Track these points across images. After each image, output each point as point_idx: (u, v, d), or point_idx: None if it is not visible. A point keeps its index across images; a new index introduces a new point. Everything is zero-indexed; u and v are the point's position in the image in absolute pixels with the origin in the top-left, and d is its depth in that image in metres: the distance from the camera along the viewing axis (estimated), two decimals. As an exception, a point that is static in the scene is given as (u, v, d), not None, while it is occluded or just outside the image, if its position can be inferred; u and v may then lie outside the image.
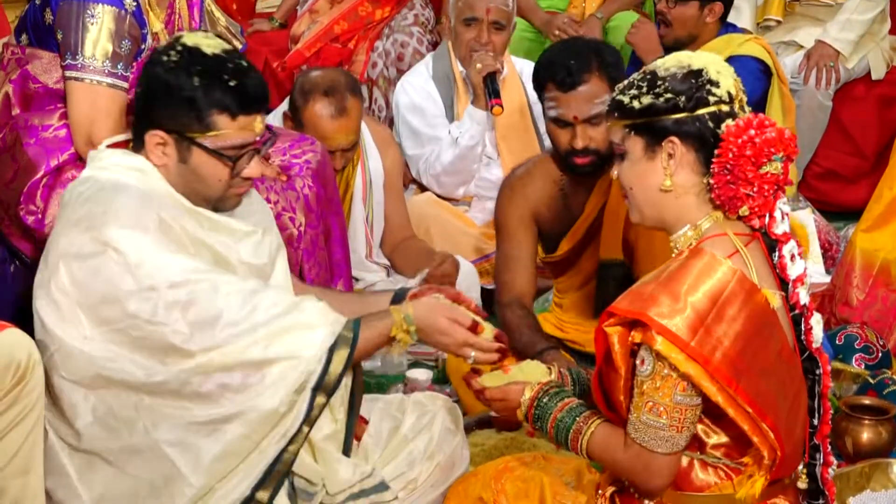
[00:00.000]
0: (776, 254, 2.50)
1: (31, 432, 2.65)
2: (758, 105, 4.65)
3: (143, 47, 3.33)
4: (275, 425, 2.68)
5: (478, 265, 4.57)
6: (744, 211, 2.45)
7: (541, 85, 3.57)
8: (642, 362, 2.40)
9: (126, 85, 3.26)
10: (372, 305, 2.92)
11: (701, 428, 2.46)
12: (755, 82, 4.72)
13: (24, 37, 3.45)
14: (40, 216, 3.27)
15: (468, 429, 3.34)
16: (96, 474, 2.72)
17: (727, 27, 4.93)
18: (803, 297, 2.50)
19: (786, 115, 4.84)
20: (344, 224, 3.97)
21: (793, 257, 2.49)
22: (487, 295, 4.36)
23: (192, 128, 2.70)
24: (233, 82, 2.69)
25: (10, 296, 3.28)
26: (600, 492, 2.62)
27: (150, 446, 2.67)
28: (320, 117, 4.15)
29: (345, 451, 2.85)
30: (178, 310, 2.64)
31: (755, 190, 2.42)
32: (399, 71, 5.47)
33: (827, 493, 2.58)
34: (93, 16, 3.26)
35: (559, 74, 3.49)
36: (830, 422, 2.59)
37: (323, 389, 2.69)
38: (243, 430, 2.66)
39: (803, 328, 2.51)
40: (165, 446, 2.66)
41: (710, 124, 2.44)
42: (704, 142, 2.45)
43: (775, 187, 2.44)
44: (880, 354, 3.87)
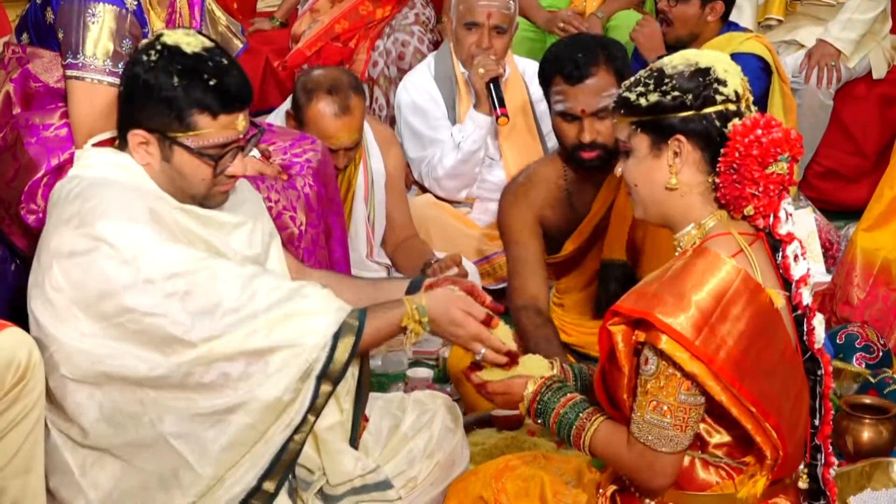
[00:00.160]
0: (779, 254, 2.50)
1: (32, 431, 2.65)
2: (758, 103, 4.64)
3: (143, 46, 3.33)
4: (280, 414, 2.67)
5: (479, 266, 4.57)
6: (748, 211, 2.45)
7: (547, 79, 3.56)
8: (646, 361, 2.39)
9: (127, 84, 3.26)
10: (386, 294, 2.90)
11: (703, 427, 2.45)
12: (755, 81, 4.71)
13: (24, 36, 3.45)
14: (41, 215, 3.27)
15: (468, 428, 3.33)
16: (103, 470, 2.71)
17: (729, 26, 4.93)
18: (806, 298, 2.50)
19: (787, 114, 4.84)
20: (344, 223, 3.97)
21: (796, 258, 2.49)
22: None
23: (173, 128, 2.69)
24: (213, 81, 2.67)
25: (11, 295, 3.28)
26: (601, 491, 2.62)
27: (157, 439, 2.67)
28: (323, 116, 4.15)
29: (352, 442, 2.83)
30: (177, 300, 2.63)
31: (760, 190, 2.42)
32: (400, 70, 5.47)
33: (828, 493, 2.58)
34: (94, 15, 3.26)
35: (567, 68, 3.49)
36: (831, 421, 2.59)
37: (328, 378, 2.67)
38: (248, 420, 2.65)
39: (805, 329, 2.51)
40: (172, 439, 2.66)
41: (717, 123, 2.44)
42: (710, 141, 2.45)
43: (780, 187, 2.44)
44: (881, 353, 3.87)
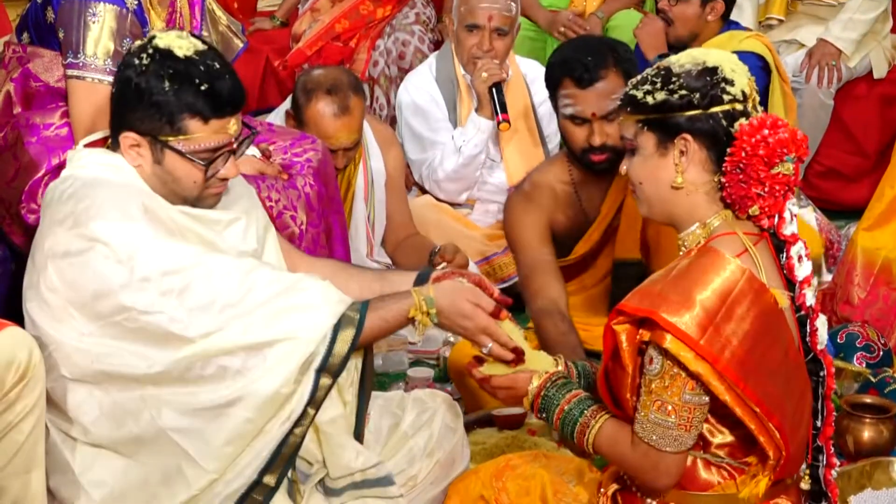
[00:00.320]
0: (784, 254, 2.50)
1: (33, 431, 2.64)
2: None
3: (144, 46, 3.33)
4: (279, 407, 2.65)
5: (480, 267, 4.57)
6: (754, 210, 2.45)
7: (555, 82, 3.55)
8: (651, 361, 2.39)
9: (127, 84, 3.26)
10: (393, 285, 2.89)
11: (706, 427, 2.45)
12: (755, 79, 4.72)
13: (25, 35, 3.45)
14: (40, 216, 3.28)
15: (468, 427, 3.33)
16: (104, 467, 2.71)
17: (729, 24, 4.92)
18: (809, 299, 2.50)
19: (787, 114, 4.84)
20: (345, 223, 3.97)
21: (800, 258, 2.49)
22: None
23: (164, 131, 2.69)
24: (204, 86, 2.67)
25: (12, 294, 3.28)
26: (602, 490, 2.62)
27: (158, 435, 2.66)
28: (322, 116, 4.15)
29: (357, 435, 2.81)
30: (174, 297, 2.62)
31: (766, 190, 2.42)
32: (400, 69, 5.47)
33: (829, 494, 2.58)
34: (94, 14, 3.26)
35: (576, 71, 3.47)
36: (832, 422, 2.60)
37: (328, 371, 2.66)
38: (248, 414, 2.64)
39: (809, 329, 2.51)
40: (173, 434, 2.65)
41: (724, 122, 2.44)
42: (717, 140, 2.45)
43: (786, 188, 2.44)
44: (881, 353, 3.87)
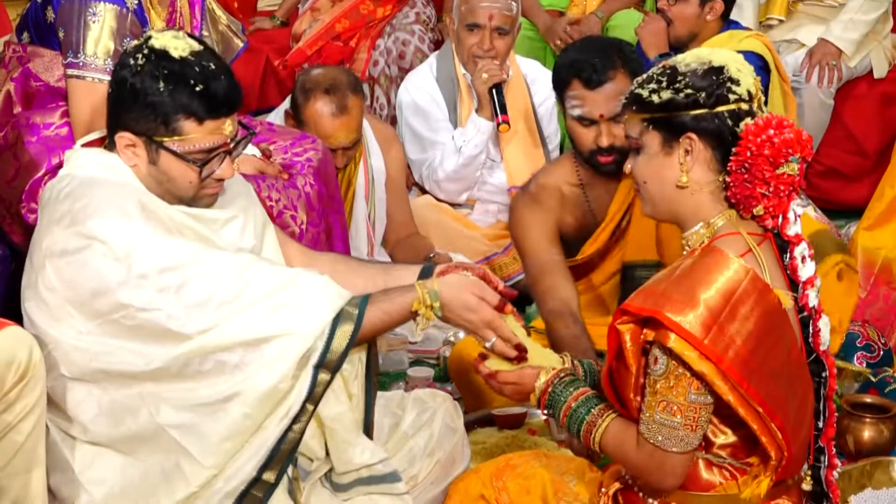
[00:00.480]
0: (787, 255, 2.50)
1: (34, 430, 2.64)
2: (757, 102, 4.65)
3: (144, 45, 3.33)
4: (277, 403, 2.65)
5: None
6: (758, 210, 2.45)
7: (564, 83, 3.54)
8: (655, 361, 2.39)
9: (127, 83, 3.26)
10: (397, 279, 2.88)
11: (709, 427, 2.45)
12: (753, 78, 4.72)
13: (25, 35, 3.45)
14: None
15: (469, 426, 3.33)
16: (104, 465, 2.71)
17: (729, 24, 4.93)
18: (812, 300, 2.49)
19: (786, 113, 4.84)
20: (345, 222, 3.97)
21: (804, 259, 2.49)
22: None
23: (160, 132, 2.69)
24: (199, 87, 2.66)
25: (12, 294, 3.28)
26: (603, 490, 2.62)
27: (157, 432, 2.66)
28: (321, 115, 4.16)
29: (367, 428, 2.80)
30: (172, 294, 2.62)
31: (771, 190, 2.42)
32: (401, 69, 5.47)
33: (831, 495, 2.58)
34: (94, 14, 3.26)
35: (585, 72, 3.47)
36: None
37: (326, 366, 2.65)
38: (245, 409, 2.64)
39: (811, 330, 2.51)
40: (171, 430, 2.65)
41: (729, 122, 2.44)
42: (722, 139, 2.44)
43: (790, 188, 2.44)
44: (882, 353, 3.87)
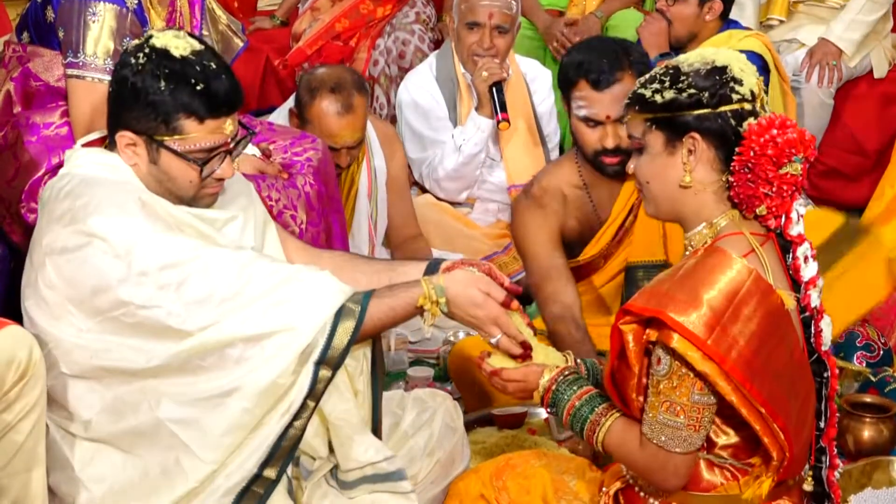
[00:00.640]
0: (790, 255, 2.50)
1: (34, 429, 2.64)
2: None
3: (144, 45, 3.33)
4: (278, 399, 2.65)
5: (479, 266, 4.56)
6: (761, 210, 2.45)
7: (570, 83, 3.54)
8: (658, 361, 2.39)
9: (127, 83, 3.26)
10: (402, 275, 2.87)
11: (711, 428, 2.45)
12: (752, 77, 4.71)
13: (25, 35, 3.45)
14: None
15: (469, 426, 3.33)
16: (104, 462, 2.71)
17: (729, 24, 4.93)
18: (814, 300, 2.49)
19: (786, 113, 4.84)
20: (344, 222, 3.97)
21: (806, 259, 2.49)
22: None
23: (160, 131, 2.69)
24: (200, 86, 2.67)
25: (12, 293, 3.28)
26: (604, 489, 2.62)
27: (157, 426, 2.66)
28: (326, 115, 4.15)
29: (374, 425, 2.79)
30: (172, 291, 2.62)
31: (774, 190, 2.42)
32: (401, 69, 5.47)
33: (832, 495, 2.58)
34: (94, 14, 3.26)
35: (592, 73, 3.47)
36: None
37: (327, 363, 2.65)
38: (245, 404, 2.63)
39: (813, 330, 2.51)
40: (171, 424, 2.65)
41: (732, 122, 2.44)
42: (725, 139, 2.44)
43: (793, 188, 2.44)
44: (882, 352, 3.87)
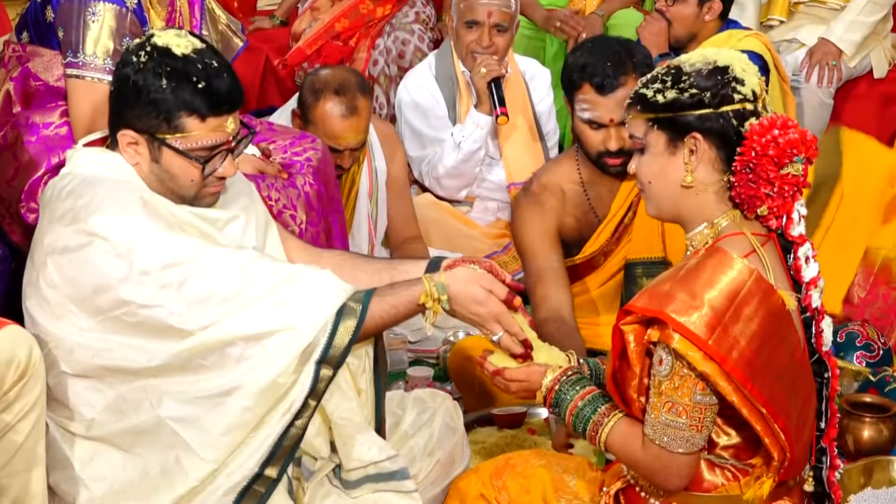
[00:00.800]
0: (791, 255, 2.50)
1: (34, 429, 2.64)
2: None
3: (143, 45, 3.33)
4: (279, 398, 2.65)
5: (479, 265, 4.56)
6: (762, 211, 2.45)
7: (574, 85, 3.55)
8: (660, 362, 2.39)
9: (127, 83, 3.26)
10: (403, 273, 2.87)
11: (713, 428, 2.45)
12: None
13: (25, 34, 3.45)
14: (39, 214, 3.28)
15: (469, 426, 3.33)
16: (104, 461, 2.71)
17: (729, 24, 4.92)
18: (815, 300, 2.50)
19: (786, 113, 4.83)
20: (344, 222, 3.97)
21: (807, 259, 2.49)
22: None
23: (162, 129, 2.69)
24: (201, 84, 2.67)
25: (12, 293, 3.28)
26: (605, 489, 2.62)
27: (158, 425, 2.66)
28: (330, 116, 4.15)
29: (378, 424, 2.79)
30: (173, 290, 2.62)
31: (775, 190, 2.42)
32: (400, 68, 5.47)
33: (833, 495, 2.58)
34: (94, 13, 3.26)
35: (597, 77, 3.48)
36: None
37: (328, 362, 2.64)
38: (245, 403, 2.63)
39: (814, 331, 2.51)
40: (172, 423, 2.65)
41: (734, 122, 2.44)
42: (727, 139, 2.45)
43: (794, 189, 2.44)
44: (881, 352, 3.87)
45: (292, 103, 4.34)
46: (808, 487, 2.57)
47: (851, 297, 4.12)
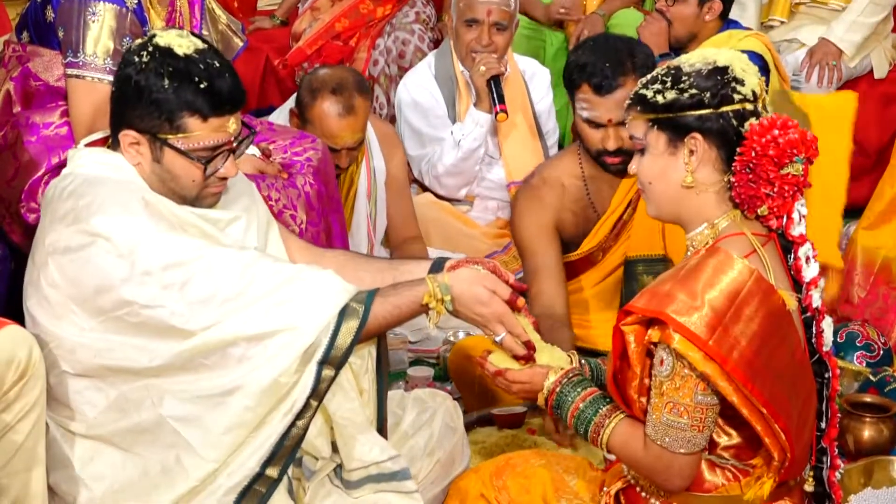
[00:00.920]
0: (791, 255, 2.50)
1: (34, 429, 2.64)
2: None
3: (144, 45, 3.33)
4: (281, 399, 2.65)
5: (479, 265, 4.56)
6: (762, 211, 2.45)
7: (574, 84, 3.57)
8: (661, 362, 2.39)
9: (127, 82, 3.26)
10: (406, 274, 2.87)
11: (714, 428, 2.45)
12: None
13: (25, 34, 3.45)
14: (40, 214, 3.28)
15: (469, 426, 3.33)
16: (104, 461, 2.71)
17: (729, 24, 4.92)
18: (816, 300, 2.50)
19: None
20: (344, 221, 3.97)
21: (808, 259, 2.49)
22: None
23: (164, 129, 2.69)
24: (204, 84, 2.67)
25: (11, 293, 3.28)
26: (605, 489, 2.62)
27: (159, 424, 2.66)
28: (328, 116, 4.15)
29: (380, 424, 2.79)
30: (175, 290, 2.62)
31: (775, 190, 2.42)
32: (400, 68, 5.47)
33: (833, 495, 2.58)
34: (94, 13, 3.26)
35: (595, 77, 3.49)
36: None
37: (330, 363, 2.64)
38: (247, 402, 2.63)
39: (814, 331, 2.51)
40: (173, 422, 2.65)
41: (734, 122, 2.44)
42: (727, 139, 2.45)
43: (795, 189, 2.44)
44: (881, 352, 3.87)
45: (290, 103, 4.35)
46: (809, 487, 2.57)
47: (851, 297, 4.13)
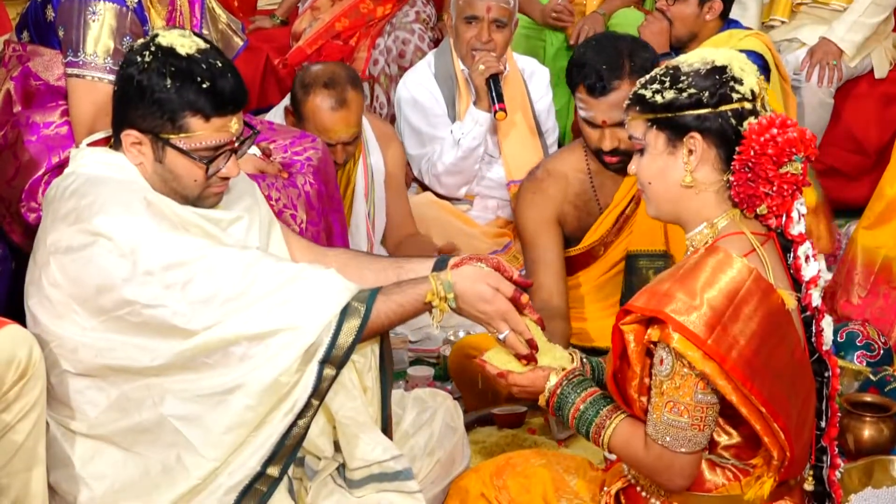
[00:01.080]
0: (791, 254, 2.50)
1: (34, 428, 2.64)
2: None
3: (144, 44, 3.33)
4: (282, 398, 2.65)
5: (479, 264, 4.56)
6: (762, 210, 2.45)
7: (573, 84, 3.61)
8: (661, 361, 2.39)
9: (127, 82, 3.26)
10: (409, 272, 2.87)
11: (715, 427, 2.45)
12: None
13: (25, 34, 3.45)
14: (41, 213, 3.27)
15: (469, 426, 3.33)
16: (104, 460, 2.71)
17: (729, 23, 4.93)
18: (816, 299, 2.50)
19: (786, 112, 4.83)
20: (344, 221, 3.97)
21: (807, 258, 2.49)
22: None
23: (166, 129, 2.69)
24: (206, 84, 2.67)
25: (12, 293, 3.28)
26: (606, 489, 2.62)
27: (160, 423, 2.66)
28: (320, 109, 4.16)
29: (384, 422, 2.79)
30: (177, 290, 2.63)
31: (774, 189, 2.42)
32: (401, 68, 5.48)
33: (833, 495, 2.58)
34: (94, 13, 3.26)
35: (589, 79, 3.51)
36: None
37: (331, 362, 2.64)
38: (248, 401, 2.63)
39: (814, 330, 2.51)
40: (174, 421, 2.65)
41: (733, 121, 2.44)
42: (726, 139, 2.45)
43: (794, 187, 2.44)
44: (882, 352, 3.87)
45: (286, 101, 4.35)
46: (809, 487, 2.57)
47: (852, 297, 4.12)
